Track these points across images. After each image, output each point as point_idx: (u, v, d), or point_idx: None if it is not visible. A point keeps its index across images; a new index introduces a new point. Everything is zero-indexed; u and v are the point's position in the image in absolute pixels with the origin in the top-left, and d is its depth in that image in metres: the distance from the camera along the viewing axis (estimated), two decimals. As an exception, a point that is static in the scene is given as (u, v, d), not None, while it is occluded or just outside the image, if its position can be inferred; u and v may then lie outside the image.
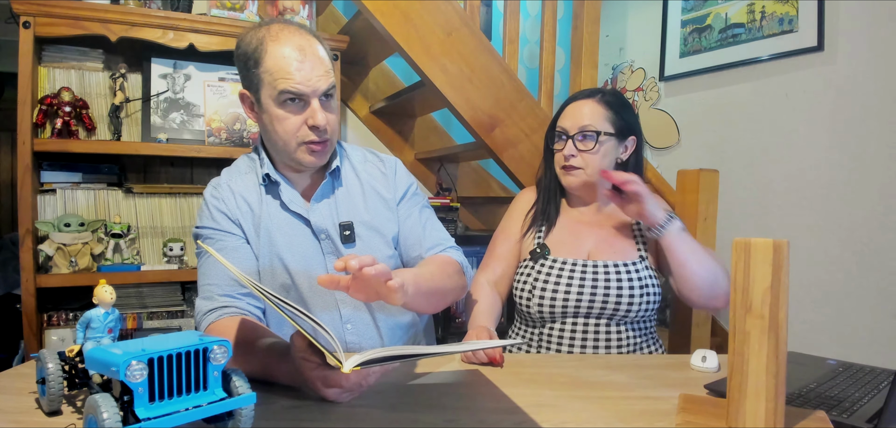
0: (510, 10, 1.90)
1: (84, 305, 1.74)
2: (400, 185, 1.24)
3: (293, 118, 1.06)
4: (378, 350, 0.75)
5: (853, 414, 0.80)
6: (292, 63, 1.03)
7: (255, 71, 1.06)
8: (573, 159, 1.33)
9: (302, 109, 1.06)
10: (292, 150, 1.08)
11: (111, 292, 0.78)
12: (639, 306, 1.27)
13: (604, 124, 1.32)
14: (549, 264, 1.31)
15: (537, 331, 1.33)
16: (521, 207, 1.45)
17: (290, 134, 1.07)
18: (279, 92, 1.04)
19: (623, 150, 1.37)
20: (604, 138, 1.32)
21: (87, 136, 1.79)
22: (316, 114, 1.05)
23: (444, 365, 1.05)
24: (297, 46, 1.04)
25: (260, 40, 1.06)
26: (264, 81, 1.05)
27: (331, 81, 1.07)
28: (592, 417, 0.81)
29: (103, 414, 0.58)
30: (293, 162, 1.11)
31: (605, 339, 1.28)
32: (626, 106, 1.38)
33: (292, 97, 1.04)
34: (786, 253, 0.67)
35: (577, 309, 1.27)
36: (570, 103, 1.38)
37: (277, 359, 0.89)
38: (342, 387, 0.81)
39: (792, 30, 2.04)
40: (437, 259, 1.18)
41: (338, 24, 2.41)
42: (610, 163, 1.35)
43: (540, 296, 1.29)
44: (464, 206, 2.54)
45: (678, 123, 2.51)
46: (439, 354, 0.77)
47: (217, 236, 1.11)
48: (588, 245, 1.34)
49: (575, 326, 1.28)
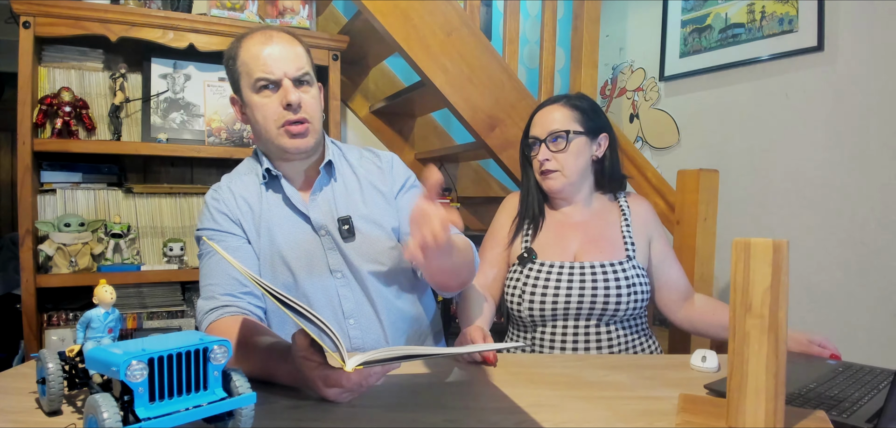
0: (510, 10, 1.90)
1: (84, 305, 1.74)
2: (397, 178, 1.25)
3: (270, 102, 1.11)
4: (380, 351, 0.75)
5: (853, 414, 0.80)
6: (261, 51, 1.10)
7: (234, 68, 1.13)
8: (548, 163, 1.36)
9: (276, 92, 1.11)
10: (274, 135, 1.12)
11: (111, 292, 0.78)
12: (627, 305, 1.28)
13: (572, 124, 1.36)
14: (536, 268, 1.33)
15: (530, 334, 1.35)
16: (507, 212, 1.47)
17: (270, 119, 1.11)
18: (254, 80, 1.10)
19: (596, 148, 1.40)
20: (573, 136, 1.35)
21: (87, 136, 1.79)
22: (288, 93, 1.10)
23: (443, 364, 1.05)
24: (265, 36, 1.11)
25: (238, 42, 1.14)
26: (241, 73, 1.12)
27: (301, 67, 1.12)
28: (592, 417, 0.81)
29: (103, 414, 0.58)
30: (278, 150, 1.14)
31: (595, 339, 1.30)
32: (593, 106, 1.42)
33: (265, 83, 1.10)
34: (786, 253, 0.67)
35: (566, 311, 1.29)
36: (538, 111, 1.42)
37: (278, 359, 0.89)
38: (343, 387, 0.81)
39: (792, 30, 2.04)
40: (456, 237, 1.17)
41: (338, 24, 2.41)
42: (585, 161, 1.38)
43: (530, 299, 1.31)
44: (464, 206, 2.54)
45: (678, 123, 2.51)
46: (440, 355, 0.77)
47: (218, 237, 1.12)
48: (574, 246, 1.36)
49: (566, 327, 1.30)
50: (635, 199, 1.46)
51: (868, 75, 1.84)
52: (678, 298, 1.42)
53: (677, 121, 2.51)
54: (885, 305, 1.79)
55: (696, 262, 1.72)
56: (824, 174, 1.95)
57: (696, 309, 1.42)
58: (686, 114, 2.48)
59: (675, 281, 1.42)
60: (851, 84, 1.88)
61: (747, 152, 2.19)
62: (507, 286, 1.38)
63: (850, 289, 1.88)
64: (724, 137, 2.30)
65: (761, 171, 2.14)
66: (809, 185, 1.99)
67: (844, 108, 1.90)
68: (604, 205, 1.44)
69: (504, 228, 1.44)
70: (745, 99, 2.21)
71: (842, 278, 1.90)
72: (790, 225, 2.04)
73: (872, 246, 1.82)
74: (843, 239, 1.90)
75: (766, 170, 2.13)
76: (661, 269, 1.41)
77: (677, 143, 2.52)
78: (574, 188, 1.40)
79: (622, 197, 1.45)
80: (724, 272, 2.12)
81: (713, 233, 1.75)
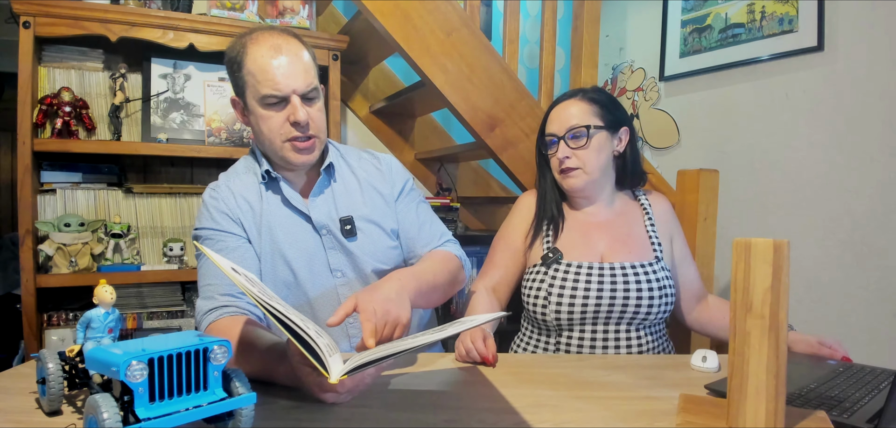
0: (510, 10, 1.89)
1: (84, 305, 1.74)
2: (396, 181, 1.26)
3: (276, 116, 1.09)
4: (365, 354, 0.75)
5: (853, 414, 0.80)
6: (270, 64, 1.06)
7: (239, 74, 1.10)
8: (568, 161, 1.30)
9: (284, 108, 1.09)
10: (278, 148, 1.11)
11: (111, 292, 0.78)
12: (658, 308, 1.24)
13: (592, 119, 1.30)
14: (563, 269, 1.27)
15: (553, 339, 1.29)
16: (522, 213, 1.40)
17: (275, 132, 1.09)
18: (261, 96, 1.07)
19: (617, 143, 1.35)
20: (594, 131, 1.29)
21: (87, 136, 1.79)
22: (296, 110, 1.07)
23: (443, 365, 1.05)
24: (273, 46, 1.07)
25: (242, 45, 1.09)
26: (248, 83, 1.09)
27: (310, 82, 1.09)
28: (592, 417, 0.80)
29: (103, 414, 0.58)
30: (282, 161, 1.13)
31: (625, 343, 1.24)
32: (612, 99, 1.36)
33: (274, 100, 1.07)
34: (786, 253, 0.67)
35: (596, 313, 1.23)
36: (554, 107, 1.36)
37: (277, 359, 0.89)
38: (338, 391, 0.81)
39: (792, 30, 2.04)
40: (436, 255, 1.20)
41: (338, 24, 2.41)
42: (606, 157, 1.33)
43: (557, 302, 1.25)
44: (464, 207, 2.54)
45: (678, 123, 2.51)
46: (426, 342, 0.77)
47: (217, 237, 1.11)
48: (600, 246, 1.31)
49: (595, 331, 1.24)
50: (655, 197, 1.41)
51: (868, 75, 1.84)
52: (693, 298, 1.39)
53: (677, 121, 2.51)
54: (885, 305, 1.79)
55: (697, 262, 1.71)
56: (824, 174, 1.95)
57: (710, 310, 1.38)
58: (686, 114, 2.48)
59: (692, 281, 1.39)
60: (851, 84, 1.88)
61: (747, 152, 2.19)
62: (530, 289, 1.31)
63: (851, 289, 1.87)
64: (724, 137, 2.30)
65: (761, 171, 2.14)
66: (809, 185, 1.99)
67: (844, 108, 1.90)
68: (626, 203, 1.39)
69: (517, 230, 1.38)
70: (745, 99, 2.21)
71: (842, 278, 1.90)
72: (790, 225, 2.04)
73: (872, 246, 1.82)
74: (843, 239, 1.90)
75: (766, 170, 2.13)
76: (680, 269, 1.37)
77: (677, 143, 2.52)
78: (596, 186, 1.33)
79: (642, 194, 1.40)
80: (724, 272, 2.12)
81: (713, 233, 1.75)
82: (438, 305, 1.21)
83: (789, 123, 2.06)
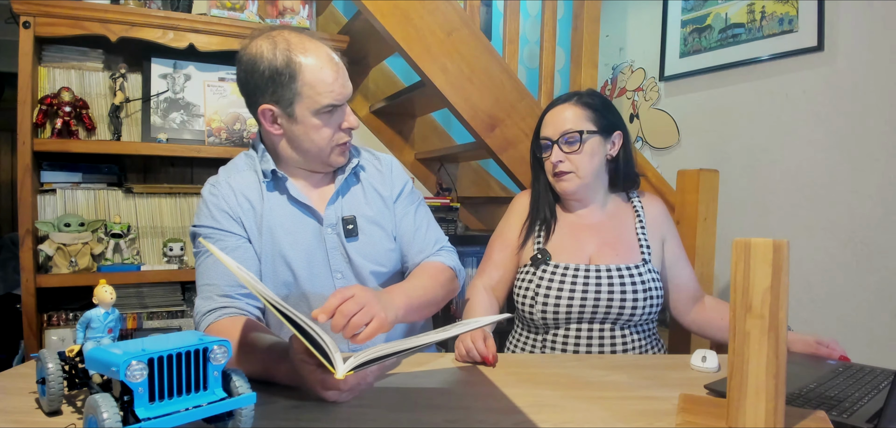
0: (510, 10, 1.90)
1: (84, 305, 1.74)
2: (396, 183, 1.26)
3: (329, 125, 1.12)
4: (370, 351, 0.75)
5: (853, 414, 0.80)
6: (329, 76, 1.08)
7: (291, 87, 1.07)
8: (561, 165, 1.32)
9: (336, 116, 1.12)
10: (327, 154, 1.14)
11: (111, 292, 0.78)
12: (642, 310, 1.26)
13: (585, 124, 1.32)
14: (550, 270, 1.30)
15: (541, 337, 1.32)
16: (517, 213, 1.43)
17: (327, 139, 1.12)
18: (322, 106, 1.08)
19: (611, 147, 1.37)
20: (587, 136, 1.31)
21: (87, 136, 1.79)
22: (350, 117, 1.13)
23: (443, 365, 1.05)
24: (327, 59, 1.10)
25: (288, 56, 1.07)
26: (303, 95, 1.08)
27: (351, 86, 1.15)
28: (592, 417, 0.81)
29: (103, 414, 0.58)
30: (323, 165, 1.16)
31: (610, 342, 1.27)
32: (606, 103, 1.38)
33: (332, 108, 1.10)
34: (786, 253, 0.67)
35: (580, 314, 1.26)
36: (549, 111, 1.38)
37: (277, 359, 0.89)
38: (340, 389, 0.81)
39: (792, 30, 2.04)
40: (429, 268, 1.20)
41: (338, 24, 2.41)
42: (599, 161, 1.35)
43: (543, 302, 1.28)
44: (464, 207, 2.54)
45: (678, 123, 2.51)
46: (430, 342, 0.78)
47: (217, 235, 1.11)
48: (589, 249, 1.33)
49: (579, 331, 1.27)
50: (649, 199, 1.43)
51: (868, 75, 1.84)
52: (689, 299, 1.40)
53: (677, 121, 2.51)
54: (885, 306, 1.79)
55: (696, 262, 1.72)
56: (824, 174, 1.95)
57: (707, 310, 1.39)
58: (686, 114, 2.48)
59: (687, 282, 1.40)
60: (851, 84, 1.88)
61: (747, 152, 2.19)
62: (519, 288, 1.34)
63: (850, 289, 1.87)
64: (724, 137, 2.30)
65: (761, 171, 2.14)
66: (809, 185, 1.99)
67: (844, 108, 1.90)
68: (618, 206, 1.41)
69: (513, 229, 1.41)
70: (745, 99, 2.21)
71: (842, 278, 1.90)
72: (790, 225, 2.04)
73: (872, 246, 1.82)
74: (843, 239, 1.90)
75: (766, 170, 2.13)
76: (674, 270, 1.39)
77: (677, 143, 2.52)
78: (589, 189, 1.36)
79: (636, 197, 1.42)
80: (724, 272, 2.12)
81: (713, 233, 1.75)
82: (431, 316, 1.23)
83: (789, 123, 2.06)
